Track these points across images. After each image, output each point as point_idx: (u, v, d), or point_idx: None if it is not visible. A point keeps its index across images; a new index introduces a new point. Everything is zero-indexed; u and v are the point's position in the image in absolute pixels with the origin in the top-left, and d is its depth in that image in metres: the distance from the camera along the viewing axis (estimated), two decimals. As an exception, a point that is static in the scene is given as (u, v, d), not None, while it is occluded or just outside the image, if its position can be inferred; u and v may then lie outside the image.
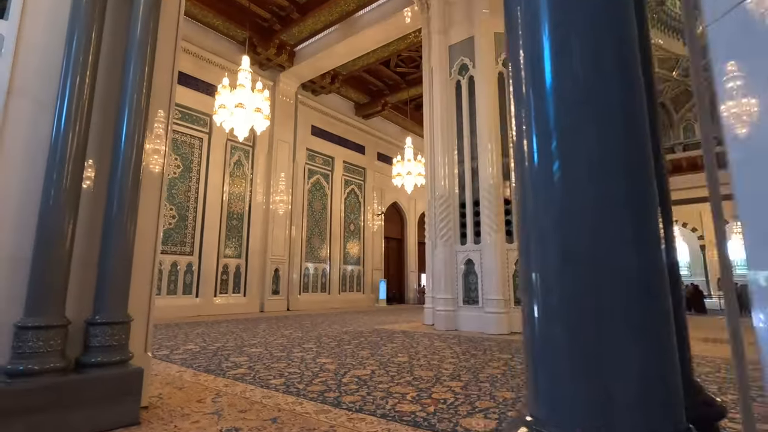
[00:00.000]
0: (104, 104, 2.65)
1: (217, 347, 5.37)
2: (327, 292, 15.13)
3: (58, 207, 2.27)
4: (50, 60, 2.47)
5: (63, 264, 2.26)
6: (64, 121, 2.35)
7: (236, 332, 7.11)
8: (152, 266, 2.82)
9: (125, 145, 2.61)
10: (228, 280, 12.10)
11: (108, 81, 2.68)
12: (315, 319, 10.02)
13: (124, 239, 2.52)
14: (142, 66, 2.71)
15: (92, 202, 2.55)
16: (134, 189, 2.60)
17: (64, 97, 2.41)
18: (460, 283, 7.74)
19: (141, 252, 2.68)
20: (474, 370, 3.93)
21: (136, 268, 2.61)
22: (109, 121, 2.66)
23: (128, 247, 2.54)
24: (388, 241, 18.72)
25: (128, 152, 2.60)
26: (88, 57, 2.47)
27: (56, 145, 2.32)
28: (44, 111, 2.42)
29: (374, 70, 15.03)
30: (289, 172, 14.14)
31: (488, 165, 7.62)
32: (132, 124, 2.64)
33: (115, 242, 2.49)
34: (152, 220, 2.87)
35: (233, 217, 12.48)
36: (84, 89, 2.44)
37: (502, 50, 8.10)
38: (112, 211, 2.52)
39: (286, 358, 4.60)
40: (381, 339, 6.28)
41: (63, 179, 2.29)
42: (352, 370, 3.92)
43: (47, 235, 2.23)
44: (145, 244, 2.77)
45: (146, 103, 2.74)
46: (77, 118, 2.39)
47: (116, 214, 2.52)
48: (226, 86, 8.46)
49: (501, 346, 5.65)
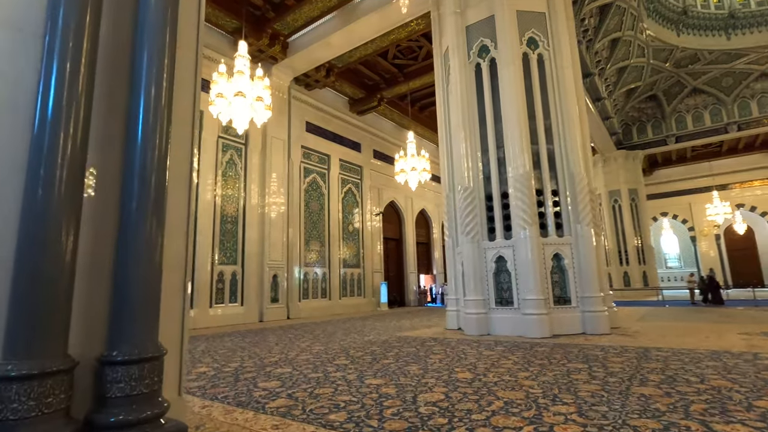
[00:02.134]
0: (113, 61, 1.87)
1: (234, 368, 4.55)
2: (328, 297, 14.29)
3: (50, 200, 1.49)
4: None
5: (61, 279, 1.48)
6: (55, 82, 1.57)
7: (246, 347, 6.28)
8: (184, 274, 2.04)
9: (144, 122, 1.84)
10: (224, 288, 11.16)
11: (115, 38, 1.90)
12: (324, 327, 9.21)
13: (148, 240, 1.74)
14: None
15: (103, 193, 1.76)
16: (160, 179, 1.83)
17: (56, 35, 1.63)
18: (490, 283, 7.08)
19: (169, 257, 1.90)
20: (565, 387, 3.25)
21: (164, 278, 1.83)
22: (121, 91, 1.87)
23: (155, 251, 1.76)
24: (386, 241, 17.99)
25: (150, 131, 1.84)
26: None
27: (47, 110, 1.53)
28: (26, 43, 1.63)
29: (371, 62, 14.31)
30: (284, 170, 13.28)
31: (518, 153, 6.99)
32: (152, 101, 1.87)
33: (136, 246, 1.71)
34: (181, 217, 2.09)
35: (227, 221, 11.55)
36: (83, 35, 1.65)
37: (526, 29, 7.50)
38: (131, 205, 1.75)
39: (325, 379, 3.83)
40: (417, 349, 5.56)
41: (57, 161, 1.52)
42: (419, 395, 3.19)
43: (35, 237, 1.44)
44: (174, 245, 1.99)
45: (169, 77, 1.97)
46: (74, 80, 1.61)
47: (137, 209, 1.75)
48: (223, 74, 7.61)
49: (557, 351, 5.00)
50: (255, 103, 7.82)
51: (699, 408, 2.62)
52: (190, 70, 2.37)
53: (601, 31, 14.57)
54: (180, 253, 2.03)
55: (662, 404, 2.72)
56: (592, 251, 6.79)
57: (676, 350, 4.83)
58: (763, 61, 18.53)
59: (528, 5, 7.59)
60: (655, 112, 22.00)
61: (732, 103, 20.19)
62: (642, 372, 3.72)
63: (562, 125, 7.26)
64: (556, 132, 7.28)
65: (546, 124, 7.34)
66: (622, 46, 16.27)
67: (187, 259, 2.06)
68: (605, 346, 5.28)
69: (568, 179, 7.08)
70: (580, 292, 6.71)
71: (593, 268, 6.73)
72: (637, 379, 3.46)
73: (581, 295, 6.70)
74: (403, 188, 16.75)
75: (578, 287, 6.73)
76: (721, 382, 3.26)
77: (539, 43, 7.53)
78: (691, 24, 17.91)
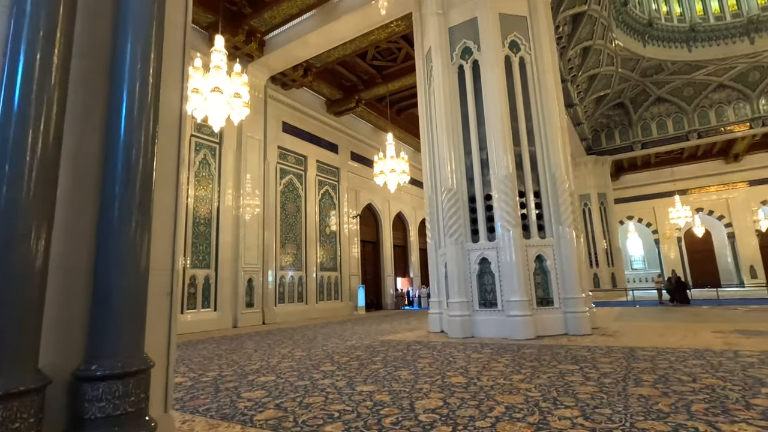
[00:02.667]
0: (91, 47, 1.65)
1: (213, 377, 4.28)
2: (304, 301, 13.96)
3: (17, 198, 1.28)
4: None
5: (30, 283, 1.26)
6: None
7: (223, 355, 5.97)
8: (171, 277, 1.83)
9: (128, 117, 1.64)
10: (196, 293, 10.69)
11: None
12: (302, 332, 8.94)
13: (133, 241, 1.54)
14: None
15: (80, 192, 1.55)
16: (146, 177, 1.63)
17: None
18: (474, 285, 7.04)
19: (156, 259, 1.69)
20: (562, 390, 3.19)
21: (151, 282, 1.63)
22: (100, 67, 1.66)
23: (140, 253, 1.56)
24: (363, 244, 17.81)
25: (134, 127, 1.64)
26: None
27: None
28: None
29: (350, 63, 14.16)
30: (260, 171, 12.91)
31: (502, 155, 7.00)
32: (137, 94, 1.67)
33: (120, 248, 1.51)
34: (168, 217, 1.89)
35: (200, 223, 11.09)
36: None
37: (508, 32, 7.55)
38: (113, 204, 1.55)
39: (313, 387, 3.64)
40: (403, 353, 5.43)
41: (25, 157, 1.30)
42: (415, 401, 3.05)
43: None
44: (161, 246, 1.79)
45: (157, 65, 1.77)
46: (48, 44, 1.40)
47: (120, 209, 1.54)
48: (199, 68, 7.28)
49: (545, 353, 4.98)
50: (232, 99, 7.51)
51: (701, 408, 2.60)
52: (178, 57, 2.17)
53: (574, 39, 14.98)
54: (167, 255, 1.82)
55: (663, 405, 2.69)
56: (574, 252, 6.87)
57: (660, 349, 4.90)
58: (721, 72, 19.58)
59: (510, 8, 7.65)
60: (622, 120, 22.84)
61: (692, 112, 21.21)
62: (634, 372, 3.72)
63: (544, 128, 7.33)
64: (537, 134, 7.35)
65: (528, 126, 7.40)
66: (593, 55, 16.79)
67: (174, 260, 1.86)
68: (590, 347, 5.31)
69: (550, 181, 7.15)
70: (562, 293, 6.77)
71: (575, 269, 6.80)
72: (631, 379, 3.45)
73: (563, 296, 6.76)
74: (381, 190, 16.67)
75: (560, 288, 6.79)
76: (712, 381, 3.28)
77: (521, 46, 7.60)
78: (656, 36, 18.73)
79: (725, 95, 20.39)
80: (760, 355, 4.29)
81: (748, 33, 18.37)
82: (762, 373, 3.47)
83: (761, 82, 19.44)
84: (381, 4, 10.57)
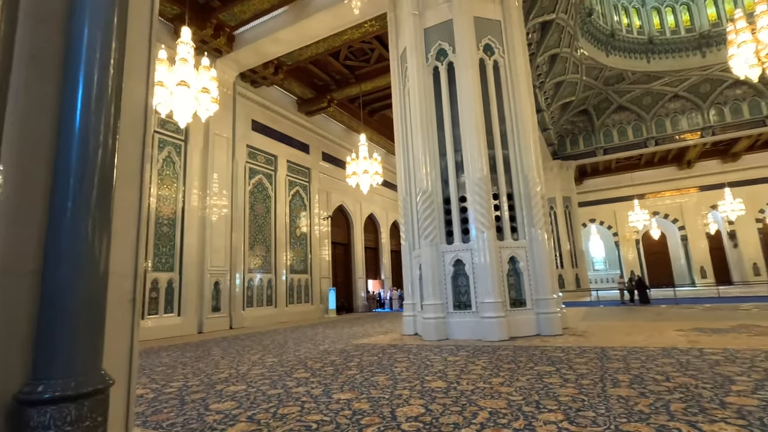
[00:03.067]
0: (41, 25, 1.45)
1: (177, 388, 4.01)
2: (274, 305, 13.58)
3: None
4: None
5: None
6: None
7: (188, 363, 5.66)
8: (134, 282, 1.64)
9: (84, 111, 1.45)
10: (158, 297, 10.16)
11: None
12: (272, 337, 8.66)
13: (91, 243, 1.35)
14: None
15: (21, 188, 1.34)
16: (105, 173, 1.44)
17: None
18: (449, 287, 7.02)
19: (117, 263, 1.50)
20: (543, 392, 3.17)
21: (111, 288, 1.44)
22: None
23: (99, 256, 1.37)
24: (335, 246, 17.58)
25: (92, 121, 1.45)
26: None
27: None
28: None
29: (322, 62, 13.94)
30: (228, 171, 12.47)
31: (476, 157, 7.03)
32: (95, 82, 1.48)
33: (74, 249, 1.32)
34: (132, 216, 1.70)
35: (163, 223, 10.56)
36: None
37: (483, 35, 7.60)
38: (65, 203, 1.36)
39: (287, 396, 3.46)
40: (379, 357, 5.31)
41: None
42: (396, 409, 2.94)
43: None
44: (123, 248, 1.60)
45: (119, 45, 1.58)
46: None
47: (74, 208, 1.36)
48: (164, 60, 6.90)
49: (521, 354, 5.00)
50: (200, 95, 7.18)
51: (679, 408, 2.63)
52: (143, 44, 1.96)
53: (543, 46, 15.39)
54: (129, 258, 1.63)
55: (643, 406, 2.71)
56: (546, 254, 6.98)
57: (630, 349, 5.02)
58: (676, 83, 20.69)
59: (485, 12, 7.72)
60: (586, 126, 23.71)
61: (650, 121, 22.29)
62: (609, 372, 3.76)
63: (517, 131, 7.42)
64: (511, 137, 7.44)
65: (501, 129, 7.47)
66: (560, 62, 17.31)
67: (137, 264, 1.67)
68: (564, 347, 5.37)
69: (523, 183, 7.24)
70: (534, 295, 6.86)
71: (547, 270, 6.91)
72: (608, 380, 3.48)
73: (535, 297, 6.85)
74: (353, 192, 16.52)
75: (533, 289, 6.87)
76: (685, 380, 3.35)
77: (495, 49, 7.68)
78: (617, 46, 19.57)
79: (680, 105, 21.54)
80: (723, 353, 4.45)
81: (700, 47, 19.52)
82: (729, 371, 3.59)
83: (711, 94, 20.67)
84: (354, 3, 10.44)
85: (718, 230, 25.71)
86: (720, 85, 20.25)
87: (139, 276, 1.66)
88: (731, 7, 18.94)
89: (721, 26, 18.58)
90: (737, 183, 24.73)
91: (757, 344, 4.91)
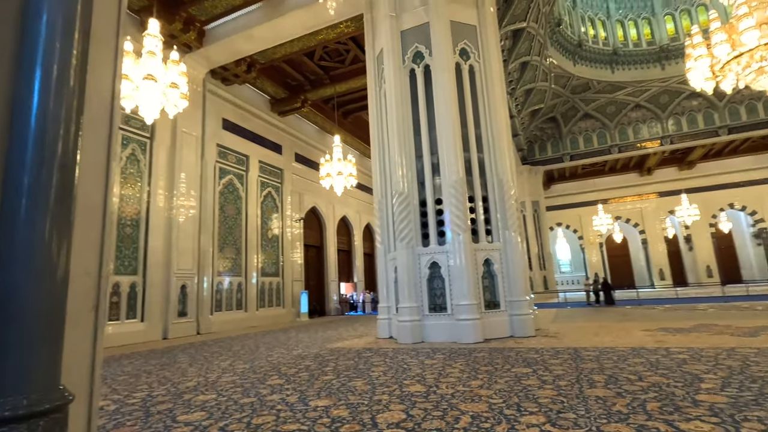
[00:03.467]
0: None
1: (141, 399, 3.77)
2: (244, 309, 13.20)
3: None
4: None
5: None
6: None
7: (152, 371, 5.37)
8: (98, 286, 1.49)
9: (41, 103, 1.31)
10: (120, 302, 9.65)
11: None
12: (243, 342, 8.38)
13: (48, 243, 1.21)
14: None
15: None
16: (65, 169, 1.30)
17: None
18: (424, 289, 7.00)
19: (79, 264, 1.36)
20: (522, 395, 3.17)
21: (71, 292, 1.29)
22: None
23: (57, 257, 1.23)
24: (307, 249, 17.30)
25: (50, 116, 1.30)
26: None
27: None
28: None
29: (296, 62, 13.72)
30: (197, 170, 12.05)
31: (453, 160, 7.06)
32: (54, 73, 1.34)
33: (29, 250, 1.18)
34: (96, 214, 1.55)
35: (126, 224, 10.06)
36: None
37: (459, 40, 7.67)
38: (18, 201, 1.21)
39: (261, 405, 3.32)
40: (355, 362, 5.21)
41: None
42: (376, 415, 2.86)
43: None
44: (86, 248, 1.45)
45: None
46: None
47: (28, 206, 1.21)
48: (129, 52, 6.57)
49: (497, 356, 5.02)
50: (168, 90, 6.88)
51: (655, 407, 2.68)
52: (111, 30, 1.81)
53: (514, 53, 15.75)
54: (93, 261, 1.48)
55: (621, 406, 2.74)
56: (520, 256, 7.08)
57: (601, 349, 5.14)
58: (638, 94, 21.67)
59: (461, 17, 7.79)
60: (554, 133, 24.44)
61: (614, 129, 23.23)
62: (584, 373, 3.82)
63: (492, 135, 7.52)
64: (486, 141, 7.52)
65: (477, 132, 7.55)
66: (530, 70, 17.77)
67: (102, 268, 1.52)
68: (538, 349, 5.44)
69: (497, 187, 7.33)
70: (508, 296, 6.94)
71: (520, 272, 7.01)
72: (584, 381, 3.52)
73: (509, 299, 6.93)
74: (326, 194, 16.33)
75: (507, 291, 6.95)
76: (656, 379, 3.44)
77: (471, 54, 7.76)
78: (584, 56, 20.31)
79: (641, 114, 22.56)
80: (688, 352, 4.62)
81: (660, 60, 20.54)
82: (696, 369, 3.71)
83: (670, 104, 21.76)
84: (330, 4, 10.30)
85: (675, 234, 27.07)
86: (678, 97, 21.34)
87: (103, 281, 1.51)
88: (688, 23, 20.07)
89: (679, 41, 19.64)
90: (693, 190, 26.15)
91: (718, 342, 5.14)
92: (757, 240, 26.09)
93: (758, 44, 8.76)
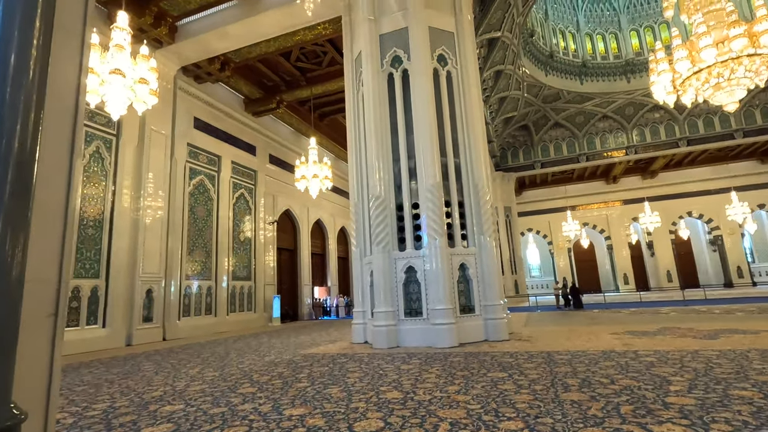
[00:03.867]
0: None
1: (102, 410, 3.56)
2: (213, 314, 12.80)
3: None
4: None
5: None
6: None
7: (115, 380, 5.10)
8: (57, 292, 1.37)
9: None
10: (80, 307, 9.16)
11: None
12: (212, 348, 8.11)
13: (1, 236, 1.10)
14: None
15: None
16: (23, 167, 1.19)
17: None
18: (400, 294, 6.97)
19: (36, 268, 1.25)
20: (500, 400, 3.17)
21: (27, 299, 1.18)
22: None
23: (11, 259, 1.12)
24: (280, 252, 17.00)
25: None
26: None
27: None
28: None
29: (272, 62, 13.51)
30: (166, 170, 11.64)
31: (430, 164, 7.09)
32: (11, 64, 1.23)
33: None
34: (56, 214, 1.43)
35: (87, 225, 9.58)
36: None
37: (437, 45, 7.73)
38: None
39: (233, 415, 3.18)
40: (330, 368, 5.10)
41: None
42: (353, 424, 2.79)
43: None
44: (45, 251, 1.34)
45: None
46: None
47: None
48: (96, 45, 6.27)
49: (472, 361, 5.04)
50: (136, 86, 6.60)
51: (628, 410, 2.73)
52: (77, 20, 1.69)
53: (489, 61, 16.06)
54: (52, 264, 1.37)
55: (596, 409, 2.78)
56: (494, 261, 7.17)
57: (573, 352, 5.24)
58: (605, 105, 22.53)
59: (439, 23, 7.87)
60: (526, 140, 25.05)
61: (582, 138, 24.03)
62: (558, 377, 3.87)
63: (468, 140, 7.60)
64: (462, 146, 7.59)
65: (453, 137, 7.61)
66: (504, 78, 18.17)
67: (62, 272, 1.40)
68: (512, 353, 5.50)
69: (473, 192, 7.41)
70: (483, 301, 7.00)
71: (495, 277, 7.09)
72: (558, 385, 3.56)
73: (484, 304, 6.99)
74: (300, 196, 16.10)
75: (481, 296, 7.02)
76: (627, 382, 3.52)
77: (448, 60, 7.84)
78: (555, 67, 20.96)
79: (608, 125, 23.45)
80: (655, 354, 4.77)
81: (625, 73, 21.45)
82: (664, 372, 3.83)
83: (635, 116, 22.72)
84: (308, 5, 10.20)
85: (638, 240, 28.20)
86: (642, 108, 22.31)
87: (63, 286, 1.40)
88: (651, 39, 21.08)
89: (643, 56, 20.57)
90: (655, 198, 27.36)
91: (681, 345, 5.34)
92: (713, 246, 27.55)
93: (716, 61, 9.26)
